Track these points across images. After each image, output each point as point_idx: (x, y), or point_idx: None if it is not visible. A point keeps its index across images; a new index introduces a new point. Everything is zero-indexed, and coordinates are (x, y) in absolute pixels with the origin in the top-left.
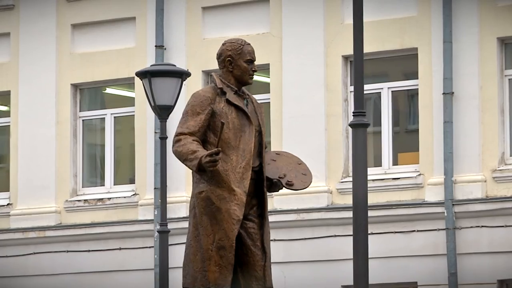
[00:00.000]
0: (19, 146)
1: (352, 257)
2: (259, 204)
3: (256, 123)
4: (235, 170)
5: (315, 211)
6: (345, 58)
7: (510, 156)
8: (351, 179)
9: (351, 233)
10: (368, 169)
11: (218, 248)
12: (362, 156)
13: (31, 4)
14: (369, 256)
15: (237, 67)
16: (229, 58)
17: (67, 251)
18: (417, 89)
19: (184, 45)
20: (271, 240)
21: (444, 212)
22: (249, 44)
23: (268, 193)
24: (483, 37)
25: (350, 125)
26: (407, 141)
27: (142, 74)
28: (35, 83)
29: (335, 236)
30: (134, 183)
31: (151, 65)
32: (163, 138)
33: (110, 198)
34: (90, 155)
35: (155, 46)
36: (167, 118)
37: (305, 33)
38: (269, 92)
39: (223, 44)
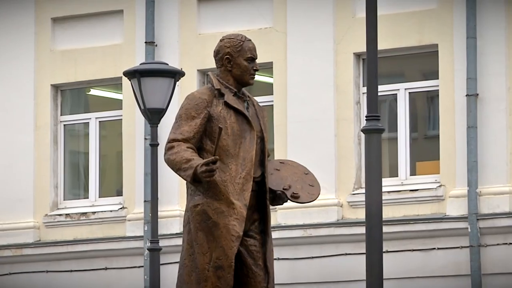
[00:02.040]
0: None
1: (365, 278)
2: (261, 219)
3: (258, 129)
4: (234, 180)
5: (323, 227)
6: (357, 55)
7: None
8: (363, 191)
9: (364, 251)
10: (383, 179)
11: (215, 268)
12: (376, 165)
13: None
14: (384, 277)
15: (236, 65)
16: (227, 56)
17: (47, 271)
18: (438, 90)
19: (177, 42)
20: (275, 259)
21: (467, 228)
22: (250, 40)
23: (271, 207)
24: (510, 33)
25: (362, 130)
26: (426, 149)
27: (130, 74)
28: (11, 84)
29: (346, 254)
30: (121, 195)
31: (140, 64)
32: (154, 145)
33: (95, 212)
34: (72, 164)
35: (145, 42)
36: (159, 123)
37: (312, 28)
38: (272, 94)
39: (221, 40)
